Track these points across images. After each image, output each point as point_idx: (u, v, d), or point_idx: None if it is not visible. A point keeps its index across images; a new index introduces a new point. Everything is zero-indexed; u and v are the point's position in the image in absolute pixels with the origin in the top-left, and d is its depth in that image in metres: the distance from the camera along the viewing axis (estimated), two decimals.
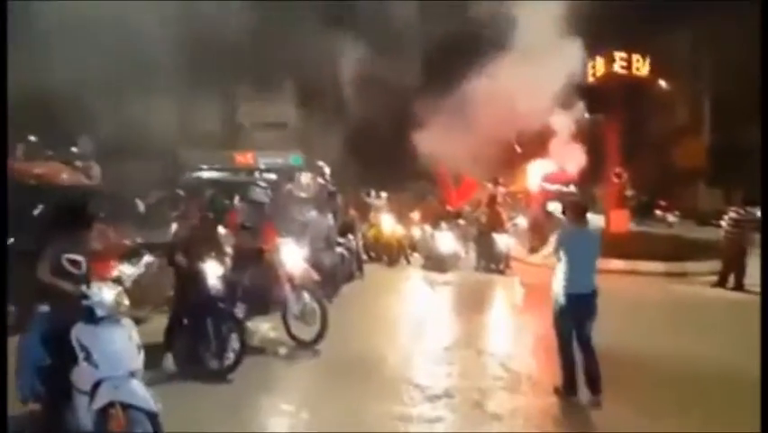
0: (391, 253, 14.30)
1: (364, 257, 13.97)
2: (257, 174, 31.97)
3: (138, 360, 4.15)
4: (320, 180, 17.25)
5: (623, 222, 15.90)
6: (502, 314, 9.71)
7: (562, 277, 5.14)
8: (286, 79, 33.40)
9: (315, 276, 7.48)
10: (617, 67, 16.21)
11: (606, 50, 16.39)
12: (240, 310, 8.09)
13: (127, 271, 7.64)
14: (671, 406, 5.19)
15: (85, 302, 4.12)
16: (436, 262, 13.20)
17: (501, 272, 12.92)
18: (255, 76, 33.27)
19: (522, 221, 16.30)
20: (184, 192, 11.65)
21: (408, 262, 14.46)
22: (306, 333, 7.04)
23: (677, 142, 34.57)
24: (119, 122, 34.60)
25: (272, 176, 32.08)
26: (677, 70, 28.84)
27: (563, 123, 17.27)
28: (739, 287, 10.76)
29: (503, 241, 13.26)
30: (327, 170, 19.41)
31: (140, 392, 4.01)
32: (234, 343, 5.92)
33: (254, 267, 7.73)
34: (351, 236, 11.58)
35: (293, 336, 7.14)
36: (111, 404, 3.94)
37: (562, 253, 5.17)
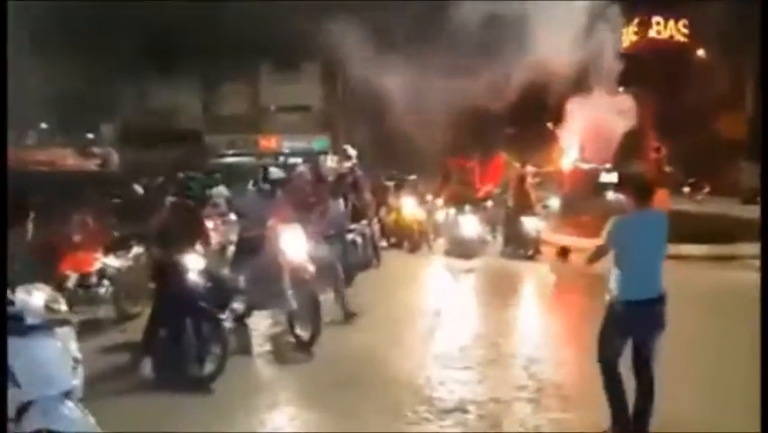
0: (412, 239, 13.48)
1: (384, 243, 13.20)
2: (281, 159, 31.49)
3: (73, 378, 3.44)
4: (346, 164, 16.51)
5: (664, 201, 14.57)
6: (529, 308, 8.79)
7: (617, 278, 3.96)
8: (309, 60, 32.61)
9: (311, 268, 6.70)
10: (653, 33, 14.94)
11: (639, 15, 15.11)
12: (238, 304, 7.48)
13: (113, 263, 7.01)
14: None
15: (10, 309, 3.42)
16: (460, 248, 12.31)
17: (530, 258, 11.97)
18: (278, 56, 32.56)
19: (554, 202, 15.23)
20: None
21: (430, 247, 13.61)
22: (306, 331, 6.34)
23: (716, 114, 32.48)
24: (144, 108, 34.43)
25: (298, 159, 31.60)
26: (715, 37, 26.95)
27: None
28: None
29: (532, 224, 12.27)
30: (353, 153, 18.57)
31: (75, 417, 3.31)
32: (216, 347, 5.20)
33: (256, 256, 7.10)
34: (365, 222, 10.77)
35: (296, 335, 6.43)
36: None
37: (617, 246, 3.98)
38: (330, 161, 28.35)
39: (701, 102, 31.93)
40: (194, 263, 5.34)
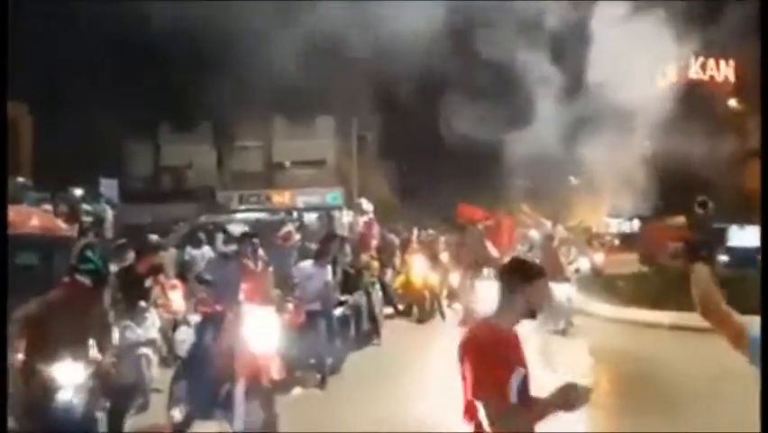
0: (422, 306, 11.68)
1: (389, 311, 11.47)
2: (294, 214, 30.34)
3: None
4: (362, 219, 15.17)
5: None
6: (561, 415, 6.66)
7: None
8: (323, 113, 31.79)
9: (275, 373, 5.03)
10: (693, 73, 13.37)
11: (679, 53, 13.57)
12: (177, 412, 5.79)
13: None
14: None
15: None
16: (476, 319, 10.48)
17: (561, 333, 10.05)
18: (291, 110, 31.79)
19: (585, 264, 13.36)
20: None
21: (443, 316, 11.79)
22: None
23: (751, 164, 30.10)
24: (156, 162, 33.65)
25: (313, 215, 30.35)
26: (755, 81, 25.11)
27: None
28: None
29: (563, 291, 10.35)
30: (369, 207, 17.18)
31: None
32: None
33: (212, 341, 5.50)
34: (360, 291, 9.07)
35: None
36: None
37: None
38: (346, 216, 27.00)
39: (738, 150, 29.79)
40: (70, 377, 3.66)
